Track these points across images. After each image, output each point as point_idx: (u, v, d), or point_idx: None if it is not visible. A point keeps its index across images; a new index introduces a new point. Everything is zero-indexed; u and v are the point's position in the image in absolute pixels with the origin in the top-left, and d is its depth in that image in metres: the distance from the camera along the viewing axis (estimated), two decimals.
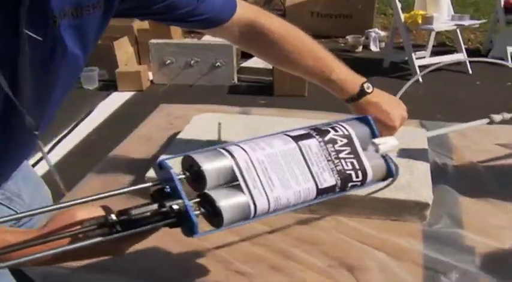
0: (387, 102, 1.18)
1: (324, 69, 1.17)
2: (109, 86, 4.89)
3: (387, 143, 0.88)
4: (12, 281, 1.08)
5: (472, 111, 3.41)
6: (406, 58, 4.93)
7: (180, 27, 1.05)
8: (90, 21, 0.87)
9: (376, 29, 5.76)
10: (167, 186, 0.71)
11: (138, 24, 5.49)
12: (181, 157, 0.74)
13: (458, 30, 4.96)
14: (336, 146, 0.81)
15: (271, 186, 0.73)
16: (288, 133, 0.81)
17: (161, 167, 0.71)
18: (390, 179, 0.90)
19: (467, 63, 5.02)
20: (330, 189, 0.79)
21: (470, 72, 5.03)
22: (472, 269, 1.05)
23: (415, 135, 1.45)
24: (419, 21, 4.77)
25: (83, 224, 0.67)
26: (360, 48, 5.47)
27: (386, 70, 4.93)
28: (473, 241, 1.14)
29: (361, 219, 1.23)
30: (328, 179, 0.78)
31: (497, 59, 5.03)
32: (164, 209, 0.68)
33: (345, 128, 0.85)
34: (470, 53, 5.40)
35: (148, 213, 0.67)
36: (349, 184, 0.81)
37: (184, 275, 1.09)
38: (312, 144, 0.79)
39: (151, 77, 5.01)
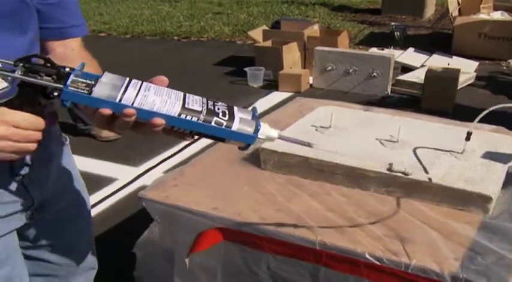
0: None
1: None
2: (271, 85, 5.27)
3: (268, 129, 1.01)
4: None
5: None
6: None
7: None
8: None
9: None
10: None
11: (309, 32, 5.82)
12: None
13: None
14: (216, 103, 0.97)
15: (146, 91, 0.93)
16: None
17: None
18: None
19: None
20: (194, 112, 0.93)
21: None
22: (511, 256, 1.17)
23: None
24: None
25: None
26: None
27: None
28: None
29: (431, 205, 1.39)
30: (196, 107, 0.94)
31: None
32: (59, 67, 0.93)
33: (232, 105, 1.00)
34: None
35: (45, 65, 0.92)
36: (214, 118, 0.94)
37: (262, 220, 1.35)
38: (196, 97, 0.97)
39: (311, 81, 5.30)
